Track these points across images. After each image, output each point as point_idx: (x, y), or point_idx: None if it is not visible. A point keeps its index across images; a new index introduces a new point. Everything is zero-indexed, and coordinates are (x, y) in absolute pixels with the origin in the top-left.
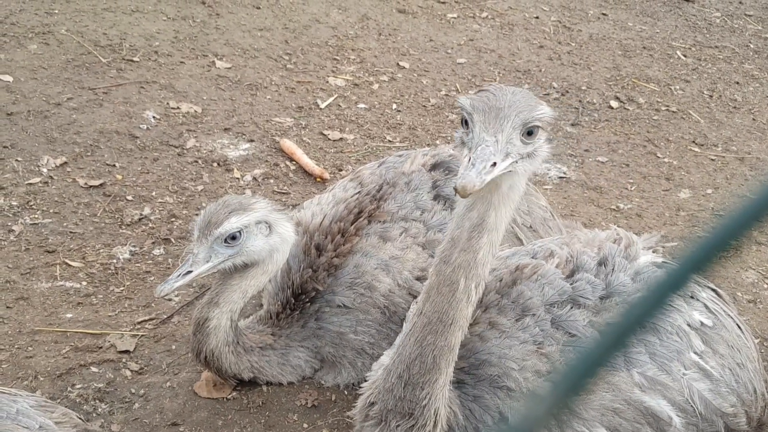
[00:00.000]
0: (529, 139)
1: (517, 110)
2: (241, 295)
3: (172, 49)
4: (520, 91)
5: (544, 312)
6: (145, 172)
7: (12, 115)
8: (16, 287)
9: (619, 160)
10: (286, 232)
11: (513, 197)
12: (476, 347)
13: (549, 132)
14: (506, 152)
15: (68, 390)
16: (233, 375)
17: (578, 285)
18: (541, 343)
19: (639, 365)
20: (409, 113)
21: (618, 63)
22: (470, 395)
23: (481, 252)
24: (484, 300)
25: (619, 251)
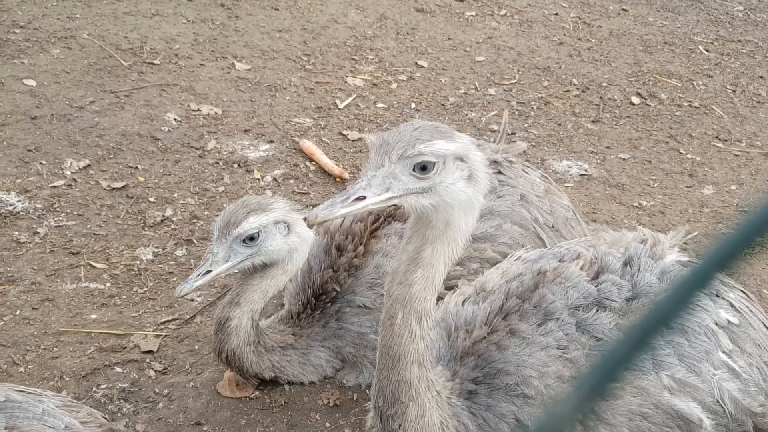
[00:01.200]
0: (424, 174)
1: (401, 145)
2: (262, 295)
3: (192, 51)
4: (428, 126)
5: (568, 315)
6: (167, 173)
7: (36, 118)
8: (42, 289)
9: (641, 156)
10: (305, 232)
11: (452, 236)
12: (492, 356)
13: (472, 167)
14: (385, 186)
15: (93, 390)
16: (255, 374)
17: (603, 287)
18: (566, 348)
19: (668, 367)
20: (428, 112)
21: (639, 59)
22: (483, 405)
23: (416, 286)
24: (505, 306)
25: (644, 251)
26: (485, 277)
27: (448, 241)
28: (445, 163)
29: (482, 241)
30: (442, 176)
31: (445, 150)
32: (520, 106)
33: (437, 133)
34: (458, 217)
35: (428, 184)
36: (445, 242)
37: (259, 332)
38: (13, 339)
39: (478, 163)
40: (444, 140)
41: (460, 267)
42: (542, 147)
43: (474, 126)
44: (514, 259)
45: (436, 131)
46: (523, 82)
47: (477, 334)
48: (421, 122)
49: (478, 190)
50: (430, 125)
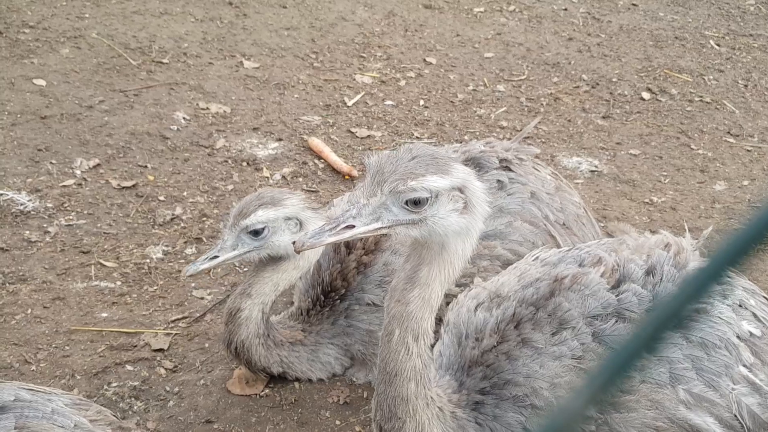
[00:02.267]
0: (416, 208)
1: (394, 178)
2: (273, 288)
3: (200, 50)
4: (426, 156)
5: (585, 325)
6: (176, 172)
7: (46, 118)
8: (53, 287)
9: (651, 152)
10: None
11: (447, 258)
12: (501, 366)
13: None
14: (376, 216)
15: (104, 388)
16: (263, 368)
17: (624, 297)
18: (581, 358)
19: (685, 381)
20: (437, 109)
21: (649, 54)
22: (490, 415)
23: (412, 305)
24: (517, 314)
25: (668, 259)
26: (501, 278)
27: (444, 263)
28: (438, 196)
29: (492, 239)
30: (434, 209)
31: (437, 186)
32: (530, 103)
33: (432, 167)
34: (453, 242)
35: (419, 217)
36: (441, 264)
37: (269, 326)
38: (25, 337)
39: (476, 193)
40: (438, 175)
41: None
42: (552, 143)
43: (483, 123)
44: (532, 259)
45: (432, 164)
46: (532, 78)
47: (486, 344)
48: (421, 149)
49: (475, 219)
50: (429, 155)
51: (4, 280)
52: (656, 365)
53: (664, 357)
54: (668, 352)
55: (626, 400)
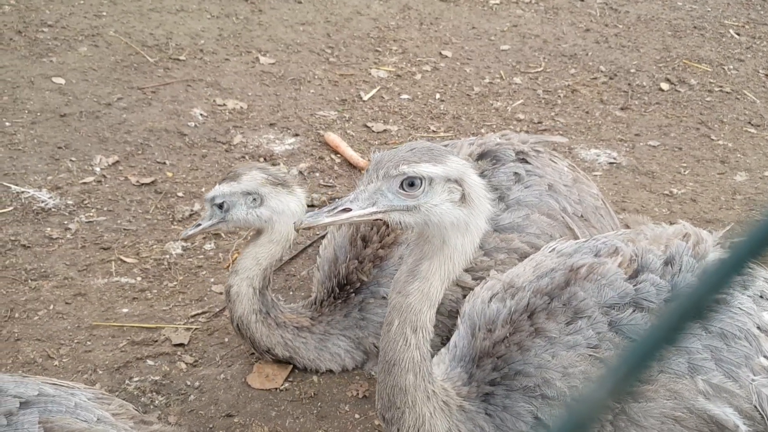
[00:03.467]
0: (411, 191)
1: (389, 165)
2: (254, 262)
3: (216, 46)
4: (423, 148)
5: (601, 314)
6: (194, 168)
7: (65, 116)
8: (74, 284)
9: (671, 143)
10: (280, 205)
11: (448, 253)
12: (513, 357)
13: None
14: (372, 201)
15: (126, 383)
16: (267, 349)
17: (642, 287)
18: (596, 347)
19: (704, 372)
20: (453, 102)
21: (668, 44)
22: (500, 405)
23: (412, 297)
24: (531, 304)
25: (687, 249)
26: (517, 269)
27: (445, 258)
28: (432, 184)
29: (509, 232)
30: (428, 197)
31: (429, 172)
32: (547, 95)
33: (426, 156)
34: (453, 237)
35: (413, 203)
36: (442, 259)
37: (267, 303)
38: (48, 333)
39: (474, 186)
40: (431, 163)
41: (487, 258)
42: (570, 135)
43: (500, 115)
44: (548, 251)
45: (426, 154)
46: (549, 70)
47: (498, 335)
48: (421, 144)
49: (474, 213)
50: (426, 147)
51: (27, 277)
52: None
53: (683, 347)
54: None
55: (645, 390)
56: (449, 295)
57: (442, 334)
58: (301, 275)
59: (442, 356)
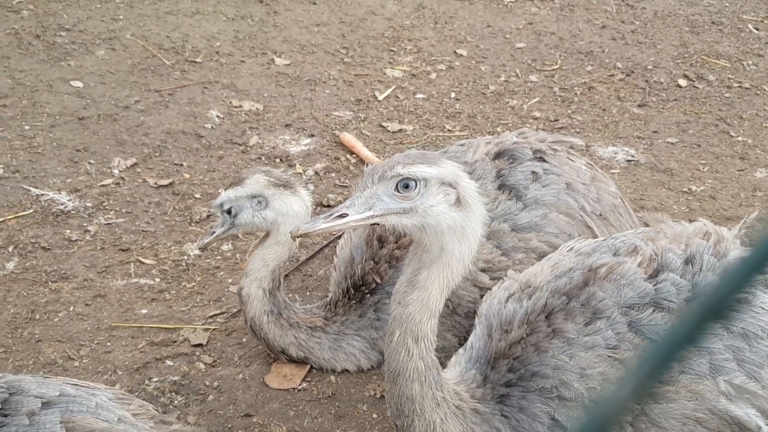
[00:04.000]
0: (406, 192)
1: (384, 168)
2: (262, 264)
3: (232, 48)
4: (417, 153)
5: (620, 315)
6: (211, 170)
7: (83, 119)
8: (94, 285)
9: (689, 140)
10: (284, 206)
11: (446, 261)
12: (529, 358)
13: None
14: (368, 206)
15: (146, 383)
16: (281, 349)
17: (662, 287)
18: (616, 348)
19: (726, 373)
20: (468, 101)
21: (685, 40)
22: (515, 406)
23: (411, 307)
24: (549, 304)
25: (707, 248)
26: (534, 269)
27: (443, 266)
28: (427, 186)
29: (527, 231)
30: (423, 198)
31: (423, 173)
32: (563, 92)
33: (421, 159)
34: (451, 243)
35: (409, 205)
36: (440, 267)
37: (278, 303)
38: (68, 334)
39: (468, 189)
40: (425, 165)
41: (504, 257)
42: (587, 133)
43: (516, 114)
44: (566, 250)
45: (420, 157)
46: (565, 67)
47: (514, 336)
48: (415, 150)
49: (470, 217)
50: (420, 153)
51: (47, 279)
52: (696, 356)
53: (705, 348)
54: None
55: (666, 391)
56: (466, 296)
57: (459, 335)
58: (318, 275)
59: (458, 357)
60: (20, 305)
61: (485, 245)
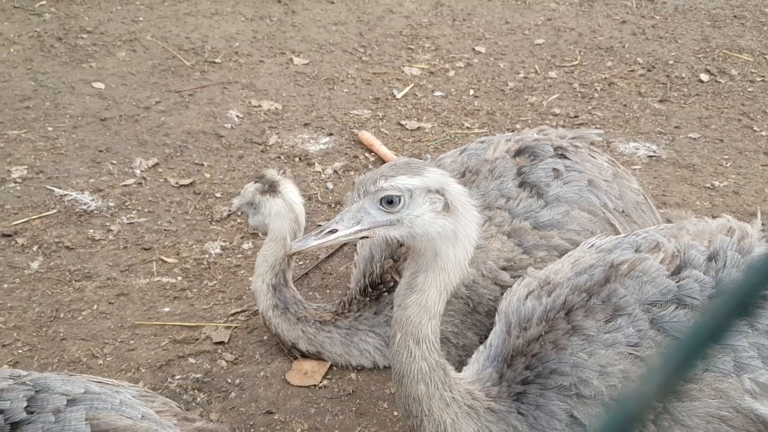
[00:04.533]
0: (391, 208)
1: (368, 182)
2: (263, 260)
3: (251, 48)
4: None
5: (642, 311)
6: (231, 169)
7: (105, 120)
8: (117, 284)
9: (712, 135)
10: (268, 208)
11: (441, 265)
12: (547, 356)
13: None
14: (356, 220)
15: (168, 380)
16: (292, 344)
17: (685, 283)
18: (637, 345)
19: (751, 371)
20: (487, 98)
21: (707, 34)
22: (533, 404)
23: (410, 310)
24: (568, 301)
25: (731, 244)
26: (555, 266)
27: (438, 270)
28: (412, 196)
29: (549, 229)
30: (409, 209)
31: (406, 184)
32: (583, 88)
33: (403, 169)
34: (444, 247)
35: (396, 217)
36: (436, 271)
37: (284, 298)
38: (92, 332)
39: (456, 194)
40: (407, 175)
41: (526, 255)
42: (608, 129)
43: (535, 110)
44: (587, 247)
45: (404, 168)
46: (585, 63)
47: (532, 333)
48: (402, 160)
49: (461, 222)
50: (404, 162)
51: (71, 278)
52: (721, 354)
53: (729, 345)
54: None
55: (689, 389)
56: (487, 294)
57: (480, 333)
58: (338, 272)
59: (478, 355)
60: (45, 304)
61: (506, 243)
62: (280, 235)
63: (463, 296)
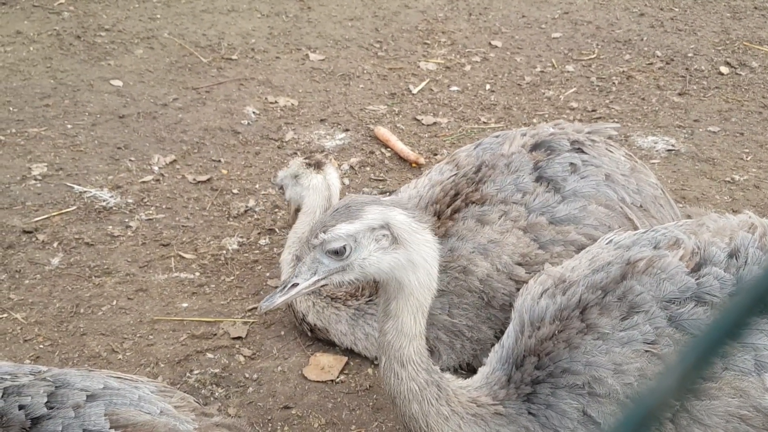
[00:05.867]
0: (339, 257)
1: (311, 234)
2: (293, 233)
3: (267, 45)
4: (342, 207)
5: (659, 309)
6: (248, 165)
7: (124, 117)
8: (136, 279)
9: (732, 128)
10: (307, 182)
11: (408, 291)
12: (559, 355)
13: (394, 232)
14: (313, 271)
15: (187, 375)
16: (302, 316)
17: (704, 281)
18: (654, 342)
19: None
20: (503, 93)
21: (727, 26)
22: (543, 404)
23: (389, 335)
24: (582, 300)
25: (753, 241)
26: (572, 263)
27: (406, 296)
28: (357, 240)
29: (566, 224)
30: (357, 252)
31: (346, 231)
32: (601, 82)
33: (344, 216)
34: (403, 276)
35: (346, 263)
36: (404, 297)
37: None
38: (111, 328)
39: (401, 225)
40: (346, 222)
41: (542, 251)
42: (626, 123)
43: (552, 105)
44: (605, 243)
45: (344, 213)
46: (602, 56)
47: (544, 332)
48: (342, 202)
49: (413, 249)
50: (344, 206)
51: (91, 274)
52: (740, 352)
53: (749, 344)
54: (753, 339)
55: (708, 388)
56: (501, 288)
57: (495, 327)
58: None
59: (492, 355)
60: (65, 300)
61: (522, 238)
62: (312, 209)
63: (477, 290)
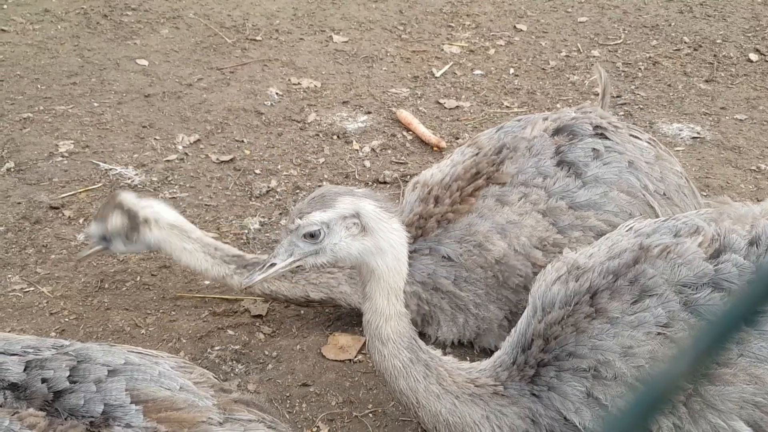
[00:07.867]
0: (313, 240)
1: (289, 218)
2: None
3: (291, 26)
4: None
5: (673, 293)
6: (271, 146)
7: (149, 96)
8: (159, 257)
9: (759, 117)
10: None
11: (378, 275)
12: (566, 339)
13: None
14: (290, 252)
15: (208, 351)
16: (305, 300)
17: (723, 267)
18: (666, 326)
19: None
20: (527, 77)
21: (757, 12)
22: (545, 385)
23: (368, 315)
24: (593, 285)
25: None
26: (590, 249)
27: (377, 279)
28: (329, 226)
29: (585, 209)
30: (329, 238)
31: (320, 218)
32: (627, 68)
33: (318, 204)
34: (372, 261)
35: (319, 247)
36: (375, 281)
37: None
38: (135, 303)
39: (370, 215)
40: (320, 210)
41: (560, 235)
42: (651, 109)
43: (576, 90)
44: (625, 230)
45: (319, 202)
46: (629, 42)
47: (553, 316)
48: (318, 191)
49: (380, 236)
50: (320, 195)
51: None
52: (757, 339)
53: (766, 331)
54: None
55: (723, 374)
56: (517, 268)
57: (504, 308)
58: None
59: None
60: (90, 275)
61: (540, 222)
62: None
63: (491, 268)
